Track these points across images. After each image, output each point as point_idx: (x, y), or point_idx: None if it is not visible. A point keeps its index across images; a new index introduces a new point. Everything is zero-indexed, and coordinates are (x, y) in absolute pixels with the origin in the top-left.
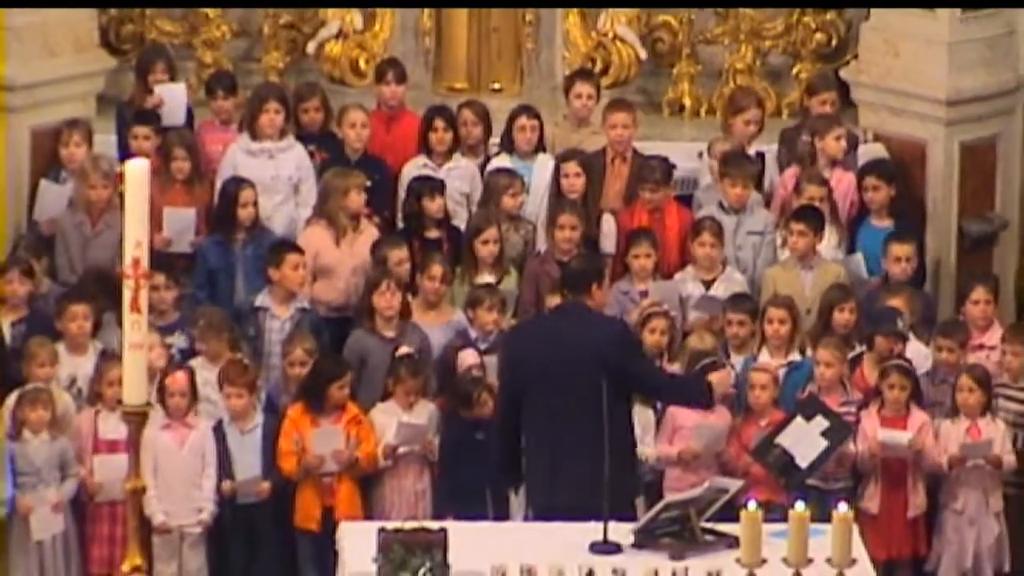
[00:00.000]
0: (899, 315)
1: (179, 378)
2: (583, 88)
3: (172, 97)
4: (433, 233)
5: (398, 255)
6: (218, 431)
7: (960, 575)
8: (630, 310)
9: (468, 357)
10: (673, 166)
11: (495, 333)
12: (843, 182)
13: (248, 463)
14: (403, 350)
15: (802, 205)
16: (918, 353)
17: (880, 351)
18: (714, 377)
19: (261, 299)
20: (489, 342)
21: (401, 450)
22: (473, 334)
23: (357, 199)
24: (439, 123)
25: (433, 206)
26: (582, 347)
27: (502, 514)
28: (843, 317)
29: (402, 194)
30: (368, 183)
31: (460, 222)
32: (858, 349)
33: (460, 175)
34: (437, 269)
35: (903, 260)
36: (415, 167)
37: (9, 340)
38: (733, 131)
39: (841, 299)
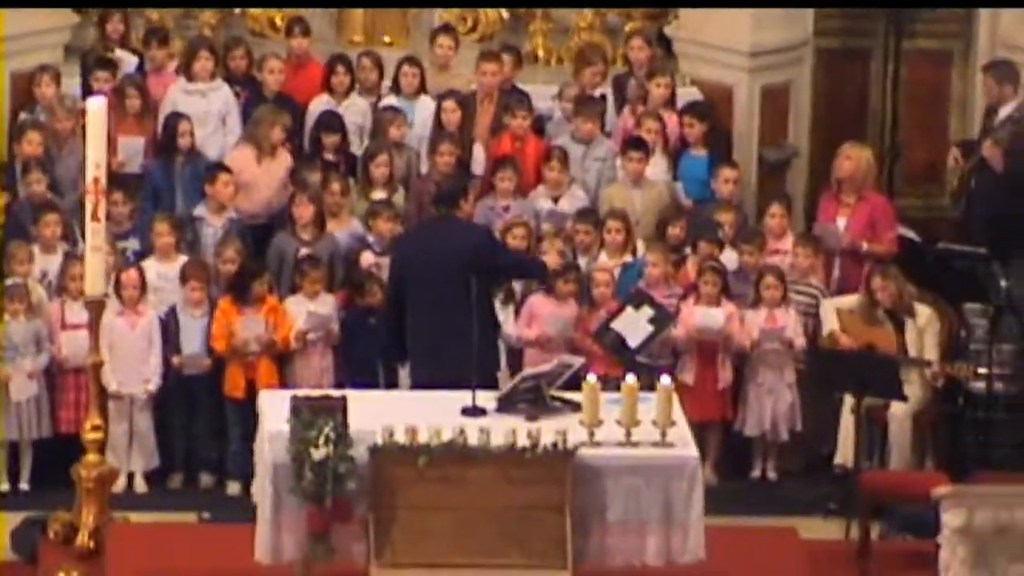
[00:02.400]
0: (719, 226)
1: (132, 275)
2: (444, 40)
3: (127, 62)
4: (332, 157)
5: (315, 176)
6: (172, 315)
7: (761, 434)
8: (495, 221)
9: (369, 257)
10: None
11: (389, 239)
12: (670, 120)
13: (195, 343)
14: (303, 251)
15: (635, 136)
16: (728, 257)
17: (703, 254)
18: (549, 259)
19: (199, 210)
20: (383, 246)
21: (310, 336)
22: (371, 239)
23: (280, 133)
24: (339, 68)
25: (332, 136)
26: (454, 250)
27: (391, 384)
28: (674, 231)
29: (309, 125)
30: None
31: (356, 149)
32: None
33: (356, 111)
34: (336, 185)
35: (730, 182)
36: (319, 104)
37: None
38: (583, 79)
39: (674, 216)
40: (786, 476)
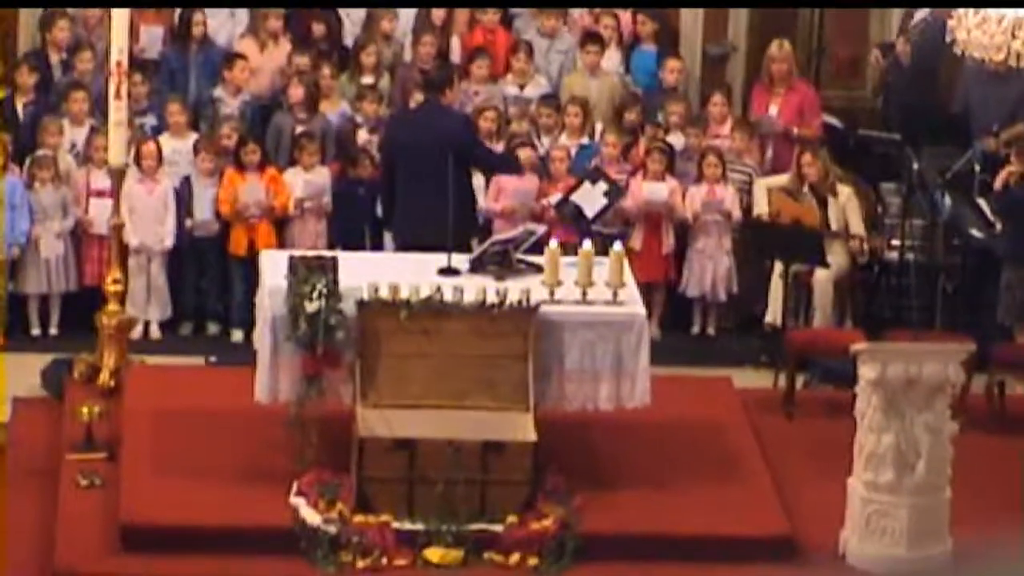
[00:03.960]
0: (662, 112)
1: (151, 147)
2: None
3: None
4: (325, 46)
5: (304, 61)
6: (185, 184)
7: (701, 294)
8: (467, 104)
9: (363, 134)
10: None
11: (375, 120)
12: (624, 17)
13: (206, 208)
14: (299, 129)
15: (592, 31)
16: (676, 140)
17: (649, 136)
18: (521, 154)
19: (217, 92)
20: (370, 125)
21: (306, 203)
22: (359, 119)
23: (276, 22)
24: None
25: (325, 27)
26: (436, 134)
27: (377, 247)
28: (630, 117)
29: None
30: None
31: (349, 38)
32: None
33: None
34: (327, 70)
35: (675, 71)
36: None
37: (22, 117)
38: None
39: (631, 103)
40: (722, 332)
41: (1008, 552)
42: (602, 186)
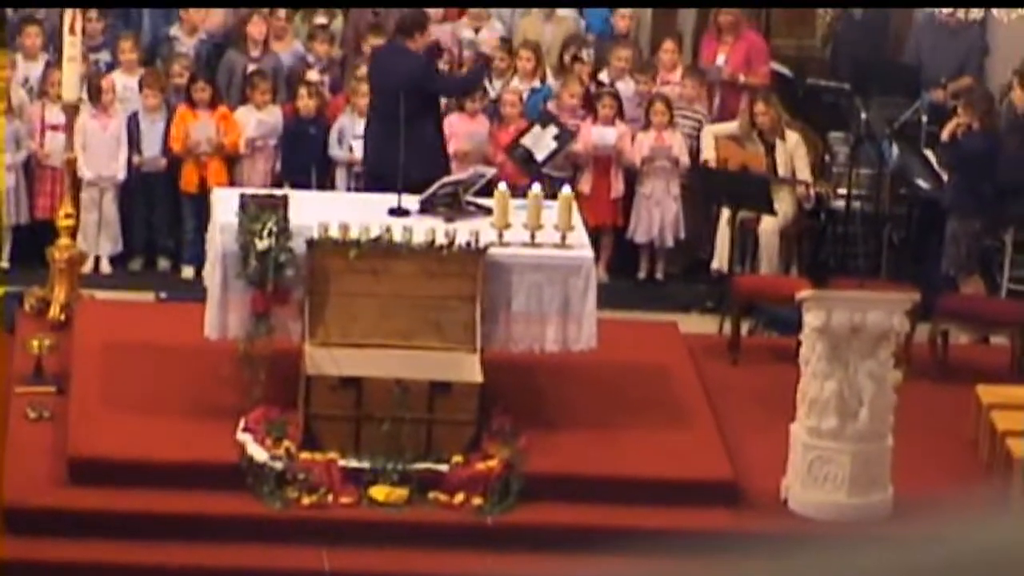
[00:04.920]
0: (585, 50)
1: (110, 80)
2: None
3: None
4: None
5: None
6: (133, 120)
7: (649, 241)
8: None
9: (314, 74)
10: None
11: (327, 60)
12: None
13: (153, 144)
14: (251, 67)
15: None
16: (626, 86)
17: (578, 76)
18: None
19: (173, 30)
20: (322, 65)
21: (258, 142)
22: (311, 59)
23: None
24: None
25: None
26: (397, 74)
27: (327, 187)
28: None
29: None
30: None
31: None
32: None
33: None
34: (282, 12)
35: (626, 18)
36: None
37: None
38: None
39: (578, 46)
40: (669, 277)
41: (950, 508)
42: (552, 130)
